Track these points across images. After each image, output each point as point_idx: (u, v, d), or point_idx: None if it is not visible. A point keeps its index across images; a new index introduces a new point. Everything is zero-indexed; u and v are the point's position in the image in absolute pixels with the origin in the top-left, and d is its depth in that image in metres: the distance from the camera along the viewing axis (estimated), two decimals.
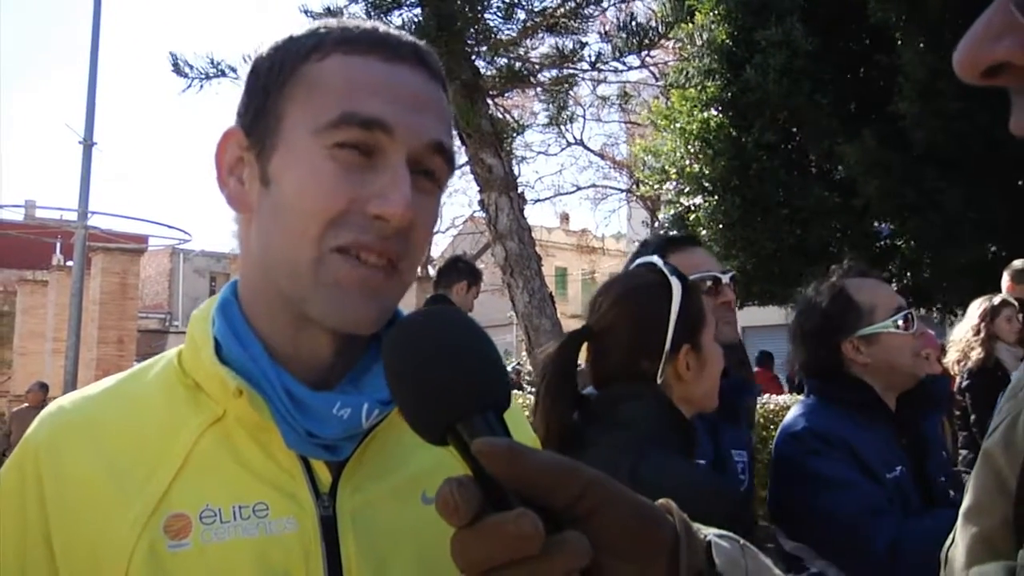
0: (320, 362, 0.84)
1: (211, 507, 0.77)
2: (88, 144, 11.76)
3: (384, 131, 0.78)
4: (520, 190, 6.76)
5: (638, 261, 1.61)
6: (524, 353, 9.13)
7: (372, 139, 0.78)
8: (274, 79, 0.82)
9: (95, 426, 0.83)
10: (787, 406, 5.76)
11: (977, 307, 4.57)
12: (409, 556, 0.80)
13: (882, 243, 9.79)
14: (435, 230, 0.88)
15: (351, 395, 0.81)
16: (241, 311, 0.86)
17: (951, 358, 4.66)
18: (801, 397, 2.33)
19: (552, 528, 0.50)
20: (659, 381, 1.45)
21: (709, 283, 2.08)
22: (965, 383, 4.50)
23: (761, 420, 5.58)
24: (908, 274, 9.48)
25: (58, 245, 18.80)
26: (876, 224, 9.65)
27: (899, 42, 7.98)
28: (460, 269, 4.66)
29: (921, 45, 7.59)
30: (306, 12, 6.80)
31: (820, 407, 2.10)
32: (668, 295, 1.48)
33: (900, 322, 2.04)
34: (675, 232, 9.48)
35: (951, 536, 0.77)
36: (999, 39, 0.48)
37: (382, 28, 0.83)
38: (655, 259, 1.57)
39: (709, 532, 0.62)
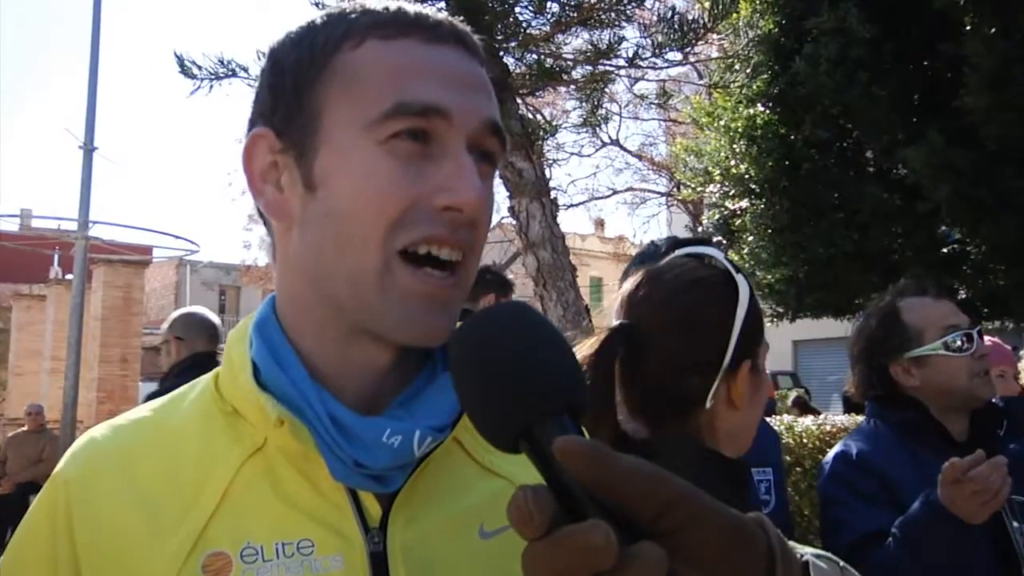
0: (371, 380, 0.84)
1: (252, 544, 0.77)
2: (89, 149, 11.89)
3: (442, 117, 0.78)
4: (552, 195, 6.75)
5: (686, 251, 1.36)
6: None
7: (429, 126, 0.78)
8: (304, 73, 0.81)
9: (128, 459, 0.83)
10: (845, 427, 5.72)
11: None
12: None
13: (950, 248, 9.66)
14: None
15: (402, 421, 0.80)
16: (281, 328, 0.86)
17: None
18: (860, 418, 2.44)
19: (629, 539, 0.50)
20: (707, 406, 1.25)
21: None
22: None
23: (816, 443, 5.54)
24: (980, 282, 9.34)
25: (56, 257, 19.02)
26: (943, 228, 9.52)
27: (966, 28, 7.88)
28: (488, 280, 4.64)
29: (991, 31, 7.48)
30: (317, 5, 6.80)
31: (869, 432, 2.22)
32: (734, 297, 1.27)
33: (954, 343, 2.06)
34: (690, 236, 9.40)
35: None
36: None
37: (410, 8, 0.83)
38: (711, 251, 1.34)
39: (806, 552, 0.63)
